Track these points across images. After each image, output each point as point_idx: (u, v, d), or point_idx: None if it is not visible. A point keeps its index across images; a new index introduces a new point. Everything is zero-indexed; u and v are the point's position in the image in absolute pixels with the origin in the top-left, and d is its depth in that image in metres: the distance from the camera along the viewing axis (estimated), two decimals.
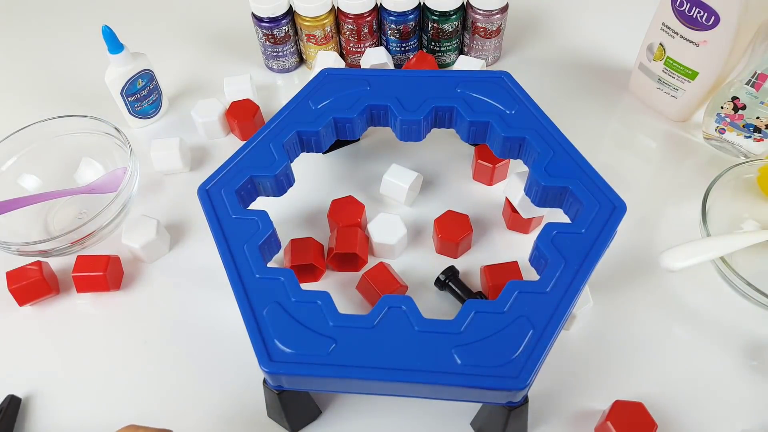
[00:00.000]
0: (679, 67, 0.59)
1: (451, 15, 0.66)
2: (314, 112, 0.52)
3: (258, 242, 0.44)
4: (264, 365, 0.38)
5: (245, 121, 0.63)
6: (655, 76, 0.63)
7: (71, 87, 0.74)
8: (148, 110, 0.67)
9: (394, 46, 0.70)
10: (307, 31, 0.68)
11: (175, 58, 0.76)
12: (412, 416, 0.46)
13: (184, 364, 0.49)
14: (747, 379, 0.47)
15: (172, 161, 0.61)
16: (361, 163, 0.63)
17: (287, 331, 0.39)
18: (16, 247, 0.51)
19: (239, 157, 0.49)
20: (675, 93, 0.62)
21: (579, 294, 0.40)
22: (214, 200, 0.47)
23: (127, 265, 0.56)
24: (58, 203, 0.60)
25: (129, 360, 0.50)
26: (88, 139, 0.60)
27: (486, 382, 0.37)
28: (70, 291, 0.54)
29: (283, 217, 0.58)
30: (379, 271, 0.51)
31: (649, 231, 0.56)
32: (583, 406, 0.46)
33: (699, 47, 0.56)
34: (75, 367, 0.50)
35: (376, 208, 0.58)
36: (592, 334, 0.49)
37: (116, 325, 0.52)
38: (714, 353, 0.48)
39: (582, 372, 0.48)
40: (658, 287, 0.52)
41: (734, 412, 0.45)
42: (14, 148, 0.59)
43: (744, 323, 0.49)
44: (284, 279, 0.42)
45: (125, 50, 0.61)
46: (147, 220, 0.55)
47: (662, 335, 0.49)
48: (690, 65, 0.58)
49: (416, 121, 0.51)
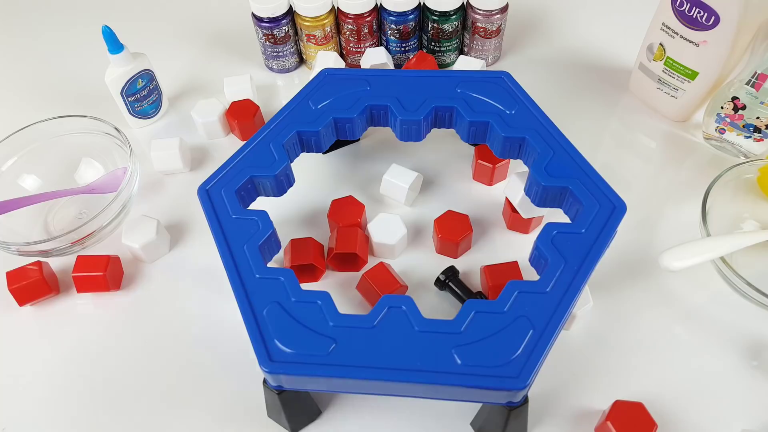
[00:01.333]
0: (679, 67, 0.59)
1: (451, 15, 0.66)
2: (314, 112, 0.52)
3: (258, 242, 0.44)
4: (264, 365, 0.38)
5: (245, 121, 0.63)
6: (655, 77, 0.63)
7: (71, 87, 0.74)
8: (148, 110, 0.67)
9: (394, 46, 0.70)
10: (307, 31, 0.68)
11: (175, 58, 0.76)
12: (412, 416, 0.46)
13: (184, 363, 0.49)
14: (747, 379, 0.47)
15: (172, 161, 0.61)
16: (361, 163, 0.63)
17: (287, 331, 0.39)
18: (16, 247, 0.51)
19: (239, 157, 0.49)
20: (675, 93, 0.62)
21: (579, 294, 0.40)
22: (214, 200, 0.47)
23: (127, 265, 0.56)
24: (58, 203, 0.60)
25: (128, 360, 0.50)
26: (88, 139, 0.60)
27: (486, 382, 0.37)
28: (70, 291, 0.54)
29: (283, 217, 0.58)
30: (379, 271, 0.51)
31: (649, 231, 0.56)
32: (583, 406, 0.46)
33: (699, 47, 0.56)
34: (74, 367, 0.50)
35: (376, 208, 0.58)
36: (592, 334, 0.49)
37: (116, 325, 0.52)
38: (714, 353, 0.48)
39: (582, 372, 0.48)
40: (658, 287, 0.52)
41: (734, 412, 0.45)
42: (14, 148, 0.59)
43: (744, 323, 0.49)
44: (284, 279, 0.42)
45: (125, 50, 0.61)
46: (147, 220, 0.55)
47: (662, 335, 0.49)
48: (690, 65, 0.58)
49: (416, 121, 0.51)
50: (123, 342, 0.51)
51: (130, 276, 0.55)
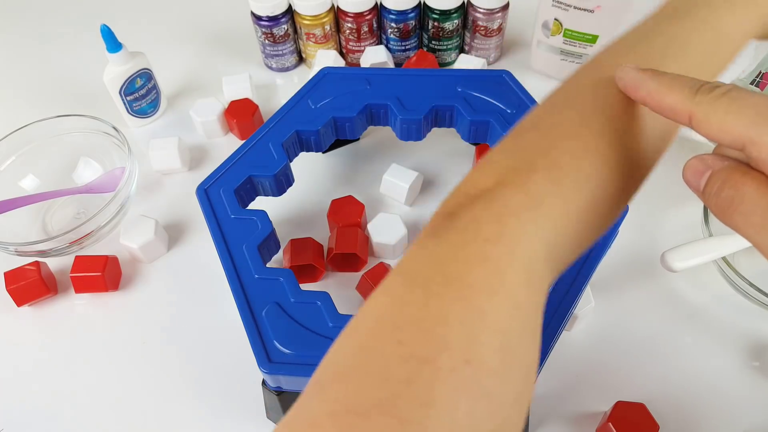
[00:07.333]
0: (579, 35, 0.62)
1: (452, 13, 0.66)
2: (314, 111, 0.52)
3: (257, 242, 0.44)
4: (263, 366, 0.38)
5: (244, 120, 0.63)
6: (557, 50, 0.65)
7: (69, 86, 0.73)
8: (147, 109, 0.67)
9: (394, 44, 0.69)
10: (307, 29, 0.68)
11: (174, 57, 0.76)
12: None
13: (182, 364, 0.49)
14: (749, 380, 0.46)
15: (171, 161, 0.61)
16: (361, 162, 0.62)
17: (286, 332, 0.39)
18: (14, 247, 0.51)
19: (238, 157, 0.49)
20: (579, 60, 0.64)
21: (581, 294, 0.40)
22: (213, 200, 0.46)
23: (126, 266, 0.55)
24: (56, 203, 0.59)
25: (127, 360, 0.50)
26: (86, 138, 0.60)
27: None
28: (69, 291, 0.54)
29: (282, 217, 0.58)
30: (379, 271, 0.50)
31: (651, 231, 0.56)
32: (585, 407, 0.46)
33: (594, 13, 0.59)
34: (73, 368, 0.50)
35: (376, 208, 0.58)
36: (593, 334, 0.49)
37: (115, 325, 0.52)
38: (716, 354, 0.48)
39: (583, 373, 0.47)
40: (659, 287, 0.52)
41: (736, 412, 0.45)
42: (12, 147, 0.59)
43: (746, 324, 0.49)
44: (283, 279, 0.41)
45: (123, 49, 0.61)
46: (145, 220, 0.54)
47: (664, 336, 0.49)
48: (590, 31, 0.61)
49: (416, 120, 0.51)
50: (121, 342, 0.51)
51: (128, 276, 0.55)
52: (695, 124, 0.24)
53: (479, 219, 0.25)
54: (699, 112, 0.24)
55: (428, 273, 0.24)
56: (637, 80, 0.27)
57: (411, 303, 0.23)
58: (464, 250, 0.24)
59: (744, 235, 0.23)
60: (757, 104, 0.23)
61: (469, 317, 0.22)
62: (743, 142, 0.22)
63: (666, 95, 0.25)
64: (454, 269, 0.24)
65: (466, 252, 0.24)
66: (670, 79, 0.26)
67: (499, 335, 0.22)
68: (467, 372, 0.21)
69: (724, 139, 0.23)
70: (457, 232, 0.25)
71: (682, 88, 0.25)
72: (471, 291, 0.23)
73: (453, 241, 0.25)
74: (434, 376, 0.21)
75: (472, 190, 0.27)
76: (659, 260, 0.48)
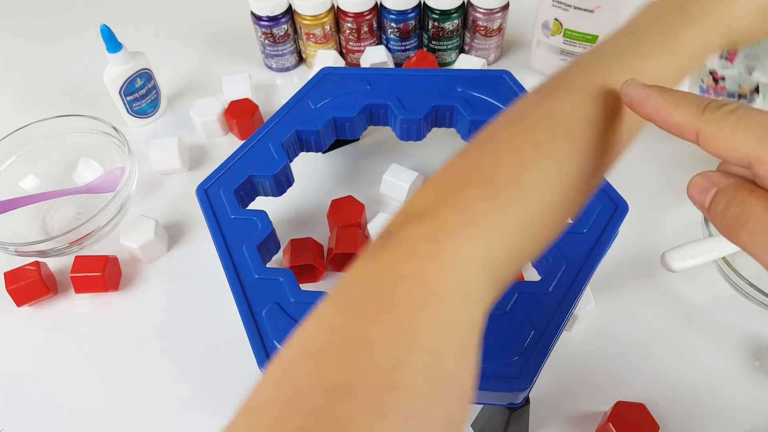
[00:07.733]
0: (579, 35, 0.62)
1: (452, 13, 0.66)
2: (314, 111, 0.52)
3: (257, 242, 0.44)
4: (263, 367, 0.38)
5: (244, 120, 0.63)
6: (557, 50, 0.65)
7: (69, 86, 0.73)
8: (147, 109, 0.67)
9: (394, 44, 0.69)
10: (307, 29, 0.68)
11: (174, 57, 0.76)
12: None
13: (182, 364, 0.49)
14: (749, 381, 0.46)
15: (171, 161, 0.61)
16: (361, 162, 0.62)
17: (286, 332, 0.39)
18: (14, 248, 0.51)
19: (238, 157, 0.49)
20: None
21: (581, 294, 0.40)
22: (213, 200, 0.46)
23: (126, 266, 0.55)
24: (56, 203, 0.59)
25: (127, 360, 0.50)
26: (86, 138, 0.60)
27: (487, 384, 0.36)
28: (69, 291, 0.54)
29: (282, 217, 0.57)
30: None
31: (651, 231, 0.55)
32: (585, 407, 0.46)
33: (594, 13, 0.59)
34: (73, 368, 0.50)
35: (376, 208, 0.58)
36: (593, 334, 0.49)
37: (115, 325, 0.52)
38: (716, 354, 0.48)
39: (583, 373, 0.47)
40: (660, 288, 0.52)
41: (736, 413, 0.45)
42: (12, 147, 0.59)
43: (746, 324, 0.49)
44: (283, 279, 0.41)
45: (123, 49, 0.61)
46: (145, 220, 0.54)
47: (664, 336, 0.49)
48: (590, 31, 0.61)
49: (416, 120, 0.51)
50: (121, 343, 0.51)
51: (128, 276, 0.55)
52: (702, 142, 0.24)
53: (414, 238, 0.24)
54: (707, 130, 0.24)
55: (358, 295, 0.23)
56: (644, 96, 0.26)
57: (336, 329, 0.22)
58: (395, 269, 0.23)
59: (750, 254, 0.23)
60: (764, 123, 0.22)
61: (395, 337, 0.21)
62: (750, 160, 0.22)
63: (673, 112, 0.25)
64: (382, 288, 0.23)
65: (398, 270, 0.23)
66: (677, 96, 0.25)
67: (427, 354, 0.21)
68: (389, 397, 0.20)
69: (731, 157, 0.23)
70: (391, 252, 0.24)
71: (690, 105, 0.24)
72: (398, 309, 0.22)
73: (386, 261, 0.24)
74: (351, 405, 0.20)
75: (413, 209, 0.26)
76: (659, 260, 0.48)
